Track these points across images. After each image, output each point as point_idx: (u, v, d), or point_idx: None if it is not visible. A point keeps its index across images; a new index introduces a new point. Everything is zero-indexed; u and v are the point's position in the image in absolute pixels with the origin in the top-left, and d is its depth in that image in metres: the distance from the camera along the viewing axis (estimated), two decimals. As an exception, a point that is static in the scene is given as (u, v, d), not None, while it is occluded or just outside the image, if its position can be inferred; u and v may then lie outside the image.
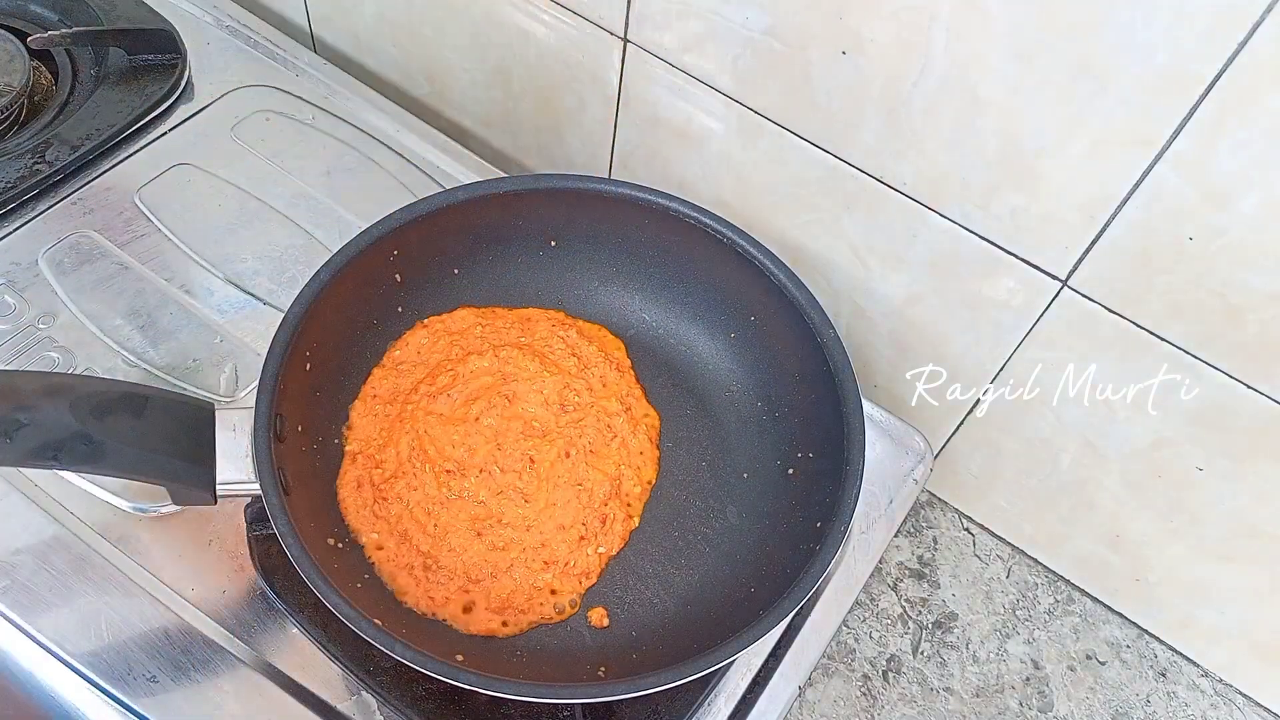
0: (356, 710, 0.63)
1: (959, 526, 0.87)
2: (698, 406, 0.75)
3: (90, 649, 0.62)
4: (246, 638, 0.64)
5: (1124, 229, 0.62)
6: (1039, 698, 0.79)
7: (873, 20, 0.62)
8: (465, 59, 0.89)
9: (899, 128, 0.66)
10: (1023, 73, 0.59)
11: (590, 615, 0.66)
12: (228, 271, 0.79)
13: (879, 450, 0.77)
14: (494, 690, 0.55)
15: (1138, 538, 0.77)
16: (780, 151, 0.74)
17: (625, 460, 0.71)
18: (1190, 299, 0.62)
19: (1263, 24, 0.50)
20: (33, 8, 0.90)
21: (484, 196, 0.71)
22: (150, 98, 0.85)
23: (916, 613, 0.82)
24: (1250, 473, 0.68)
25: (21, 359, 0.72)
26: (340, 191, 0.84)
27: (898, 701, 0.77)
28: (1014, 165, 0.63)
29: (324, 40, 0.99)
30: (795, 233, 0.78)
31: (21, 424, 0.53)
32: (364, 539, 0.66)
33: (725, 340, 0.76)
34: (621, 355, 0.76)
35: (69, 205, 0.80)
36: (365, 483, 0.67)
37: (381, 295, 0.72)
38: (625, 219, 0.74)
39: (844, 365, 0.66)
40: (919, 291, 0.74)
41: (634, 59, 0.77)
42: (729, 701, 0.66)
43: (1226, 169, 0.56)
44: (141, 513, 0.67)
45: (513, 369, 0.72)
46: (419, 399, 0.70)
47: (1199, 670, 0.81)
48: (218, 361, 0.74)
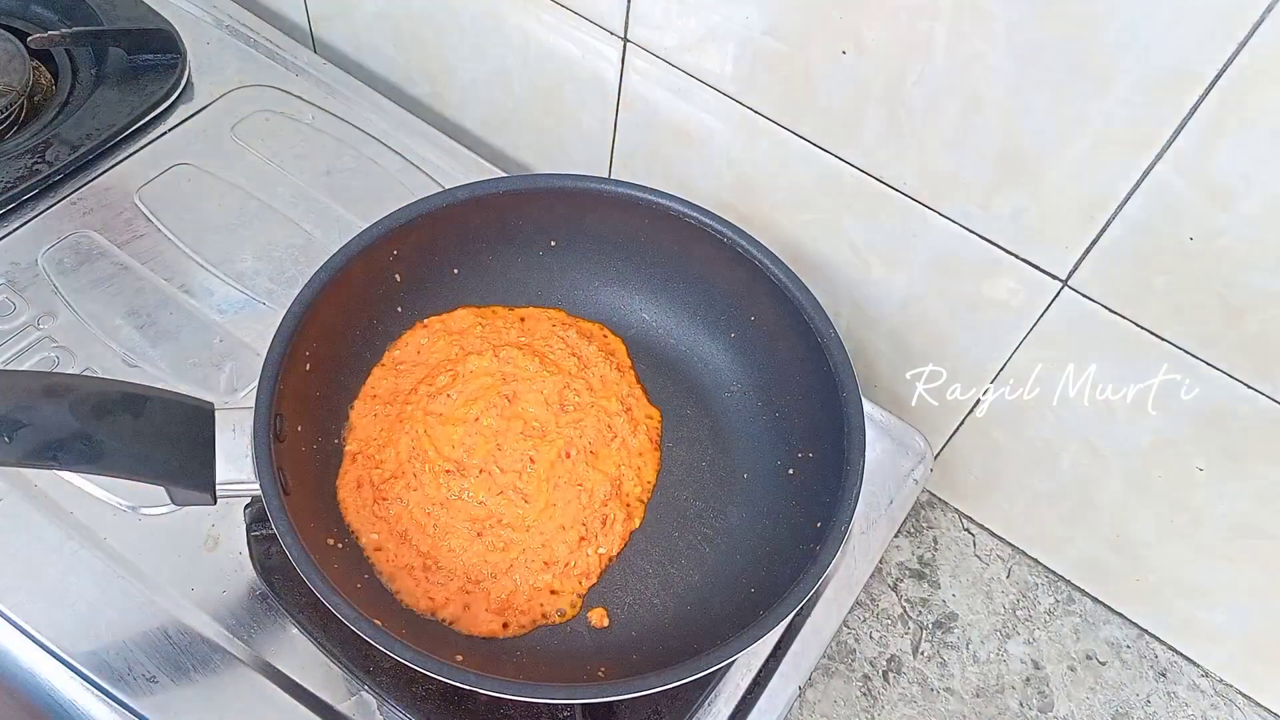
0: (356, 710, 0.63)
1: (959, 526, 0.87)
2: (698, 406, 0.75)
3: (90, 649, 0.62)
4: (246, 638, 0.64)
5: (1124, 229, 0.62)
6: (1039, 698, 0.79)
7: (873, 20, 0.62)
8: (465, 59, 0.89)
9: (899, 127, 0.66)
10: (1023, 72, 0.59)
11: (590, 615, 0.66)
12: (227, 271, 0.79)
13: (879, 450, 0.77)
14: (494, 690, 0.54)
15: (1138, 538, 0.77)
16: (780, 151, 0.74)
17: (625, 460, 0.71)
18: (1190, 299, 0.62)
19: (1263, 23, 0.50)
20: (33, 8, 0.90)
21: (484, 196, 0.71)
22: (150, 98, 0.85)
23: (917, 613, 0.82)
24: (1251, 473, 0.68)
25: (21, 359, 0.72)
26: (340, 191, 0.84)
27: (898, 702, 0.77)
28: (1014, 165, 0.63)
29: (324, 40, 0.99)
30: (796, 232, 0.78)
31: (21, 424, 0.53)
32: (363, 539, 0.66)
33: (725, 340, 0.76)
34: (622, 355, 0.76)
35: (69, 205, 0.80)
36: (365, 483, 0.67)
37: (381, 295, 0.72)
38: (625, 219, 0.73)
39: (844, 365, 0.66)
40: (919, 291, 0.74)
41: (634, 59, 0.77)
42: (729, 701, 0.66)
43: (1227, 169, 0.56)
44: (141, 513, 0.67)
45: (512, 369, 0.72)
46: (419, 399, 0.70)
47: (1199, 670, 0.81)
48: (217, 361, 0.74)
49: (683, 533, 0.70)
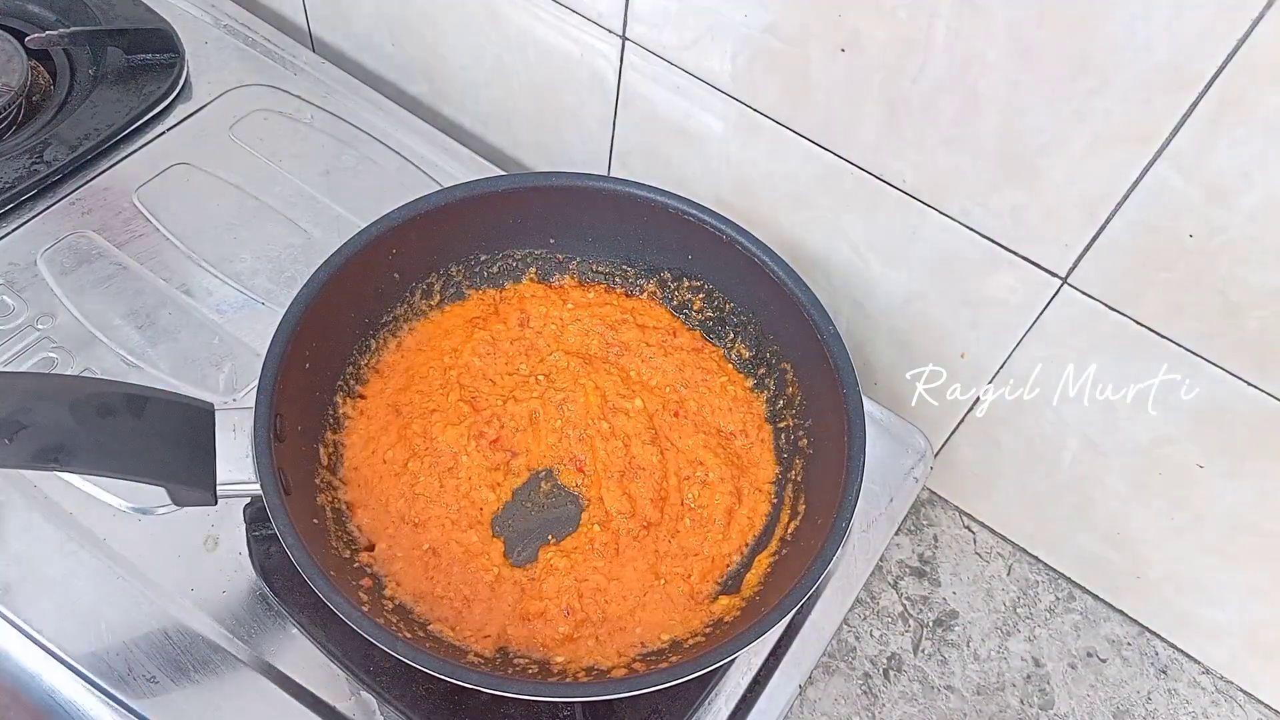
0: (356, 710, 0.63)
1: (960, 524, 0.87)
2: (698, 405, 0.75)
3: (90, 649, 0.62)
4: (246, 638, 0.64)
5: (1124, 226, 0.62)
6: (1040, 695, 0.79)
7: (872, 17, 0.62)
8: (464, 57, 0.89)
9: (898, 125, 0.66)
10: (1022, 70, 0.59)
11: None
12: (226, 271, 0.79)
13: (879, 448, 0.76)
14: (495, 690, 0.54)
15: (1138, 535, 0.77)
16: (779, 149, 0.73)
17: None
18: (1190, 296, 0.62)
19: (1262, 20, 0.50)
20: (31, 7, 0.90)
21: (483, 195, 0.71)
22: (148, 97, 0.85)
23: (917, 611, 0.82)
24: (1251, 470, 0.68)
25: (20, 359, 0.72)
26: (339, 190, 0.84)
27: (899, 700, 0.77)
28: (1014, 162, 0.63)
29: (322, 39, 0.99)
30: (795, 230, 0.78)
31: (21, 426, 0.53)
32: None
33: (725, 338, 0.76)
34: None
35: (67, 205, 0.80)
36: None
37: (381, 294, 0.72)
38: (624, 217, 0.73)
39: (844, 363, 0.66)
40: (919, 289, 0.74)
41: (633, 57, 0.77)
42: (729, 700, 0.66)
43: (1226, 166, 0.56)
44: (141, 513, 0.67)
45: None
46: (417, 397, 0.70)
47: (1200, 667, 0.81)
48: (216, 361, 0.74)
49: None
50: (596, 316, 0.75)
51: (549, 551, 0.66)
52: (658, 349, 0.74)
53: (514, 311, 0.75)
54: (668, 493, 0.68)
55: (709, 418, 0.72)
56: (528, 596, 0.64)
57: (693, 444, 0.70)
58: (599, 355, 0.74)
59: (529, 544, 0.67)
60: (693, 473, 0.69)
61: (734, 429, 0.72)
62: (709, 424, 0.72)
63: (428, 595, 0.63)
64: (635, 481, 0.68)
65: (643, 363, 0.74)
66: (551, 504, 0.69)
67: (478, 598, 0.63)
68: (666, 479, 0.68)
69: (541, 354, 0.74)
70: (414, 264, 0.72)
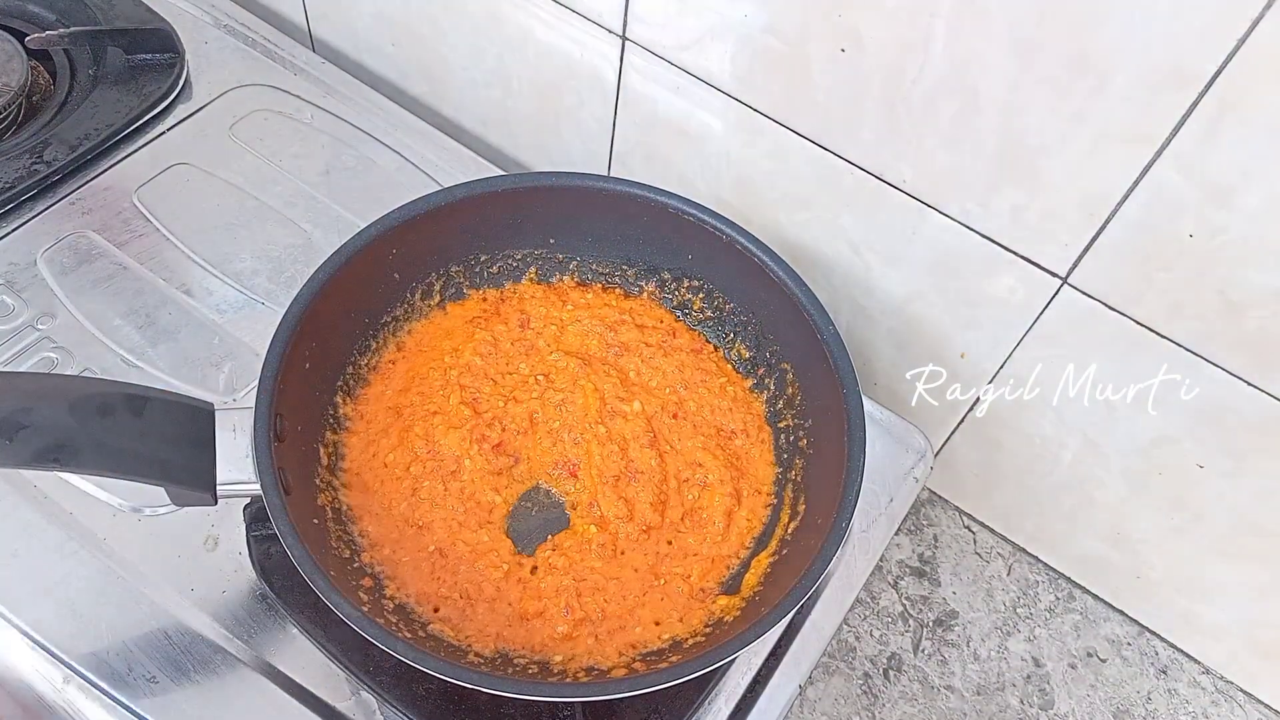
0: (356, 710, 0.63)
1: (959, 524, 0.87)
2: (698, 405, 0.75)
3: (90, 650, 0.62)
4: (246, 638, 0.64)
5: (1124, 226, 0.62)
6: (1040, 695, 0.79)
7: (872, 17, 0.62)
8: (464, 57, 0.89)
9: (898, 125, 0.66)
10: (1022, 70, 0.59)
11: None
12: (226, 271, 0.79)
13: (879, 448, 0.76)
14: (495, 690, 0.54)
15: (1138, 535, 0.77)
16: (779, 149, 0.73)
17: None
18: (1190, 296, 0.62)
19: (1262, 20, 0.50)
20: (31, 7, 0.90)
21: (483, 195, 0.71)
22: (148, 97, 0.85)
23: (917, 611, 0.82)
24: (1251, 470, 0.68)
25: (20, 359, 0.72)
26: (339, 190, 0.84)
27: (899, 700, 0.77)
28: (1014, 163, 0.63)
29: (322, 39, 0.99)
30: (795, 230, 0.78)
31: (21, 426, 0.53)
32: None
33: (725, 338, 0.76)
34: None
35: (67, 205, 0.80)
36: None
37: (381, 294, 0.72)
38: (624, 217, 0.73)
39: (844, 363, 0.66)
40: (919, 289, 0.74)
41: (633, 57, 0.77)
42: (729, 700, 0.66)
43: (1226, 166, 0.56)
44: (141, 513, 0.67)
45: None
46: (418, 399, 0.70)
47: (1200, 667, 0.81)
48: (216, 361, 0.74)
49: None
50: (596, 317, 0.75)
51: (546, 549, 0.66)
52: (657, 349, 0.74)
53: (514, 312, 0.75)
54: (667, 496, 0.68)
55: (708, 418, 0.72)
56: (528, 595, 0.64)
57: (692, 445, 0.70)
58: (598, 356, 0.74)
59: (529, 545, 0.67)
60: (692, 475, 0.69)
61: (734, 429, 0.72)
62: (708, 424, 0.72)
63: (431, 595, 0.63)
64: (633, 486, 0.68)
65: (642, 363, 0.74)
66: (552, 504, 0.69)
67: (482, 597, 0.63)
68: (666, 482, 0.68)
69: (541, 354, 0.74)
70: (414, 264, 0.72)
